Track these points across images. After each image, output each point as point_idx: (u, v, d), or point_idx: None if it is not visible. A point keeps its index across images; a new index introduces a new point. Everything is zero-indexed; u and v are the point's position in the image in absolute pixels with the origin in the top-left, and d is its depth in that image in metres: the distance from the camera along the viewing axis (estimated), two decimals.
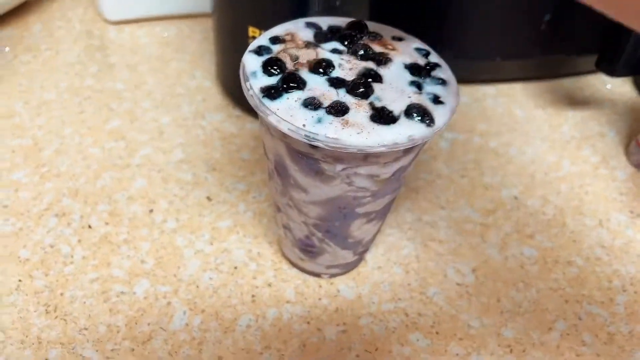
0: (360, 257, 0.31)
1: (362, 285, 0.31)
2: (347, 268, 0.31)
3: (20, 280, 0.30)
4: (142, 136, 0.39)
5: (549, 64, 0.48)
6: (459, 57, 0.43)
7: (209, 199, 0.35)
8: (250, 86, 0.22)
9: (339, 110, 0.21)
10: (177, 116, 0.41)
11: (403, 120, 0.21)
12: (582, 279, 0.33)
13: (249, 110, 0.41)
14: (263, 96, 0.22)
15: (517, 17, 0.43)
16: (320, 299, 0.31)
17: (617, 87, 0.48)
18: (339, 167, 0.22)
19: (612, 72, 0.40)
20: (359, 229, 0.27)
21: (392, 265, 0.33)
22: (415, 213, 0.36)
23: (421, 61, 0.25)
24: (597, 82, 0.49)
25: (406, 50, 0.25)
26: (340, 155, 0.22)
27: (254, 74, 0.23)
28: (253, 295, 0.30)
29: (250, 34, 0.35)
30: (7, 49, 0.45)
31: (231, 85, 0.41)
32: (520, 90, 0.47)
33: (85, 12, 0.50)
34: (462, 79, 0.46)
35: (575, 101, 0.47)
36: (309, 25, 0.26)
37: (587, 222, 0.37)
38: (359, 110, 0.21)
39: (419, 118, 0.21)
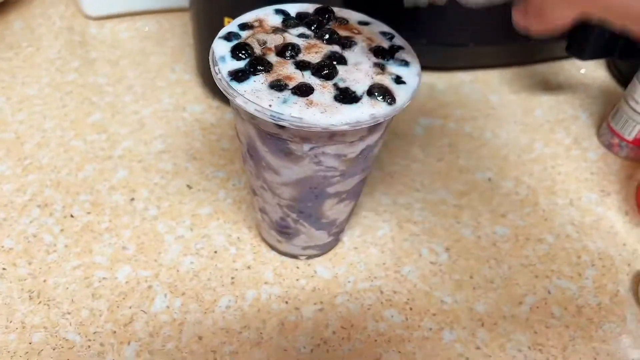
0: (336, 239, 0.32)
1: (338, 265, 0.32)
2: (324, 249, 0.32)
3: (4, 269, 0.31)
4: (124, 129, 0.40)
5: (523, 50, 0.49)
6: (433, 44, 0.45)
7: (189, 187, 0.36)
8: (219, 70, 0.23)
9: (304, 91, 0.22)
10: (157, 108, 0.41)
11: (366, 99, 0.22)
12: (552, 255, 0.34)
13: (228, 101, 0.41)
14: (231, 79, 0.22)
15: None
16: (297, 279, 0.31)
17: (590, 71, 0.49)
18: (307, 146, 0.23)
19: (582, 56, 0.42)
20: (331, 209, 0.28)
21: (368, 246, 0.33)
22: (390, 196, 0.37)
23: (385, 44, 0.25)
24: (571, 67, 0.50)
25: (371, 34, 0.26)
26: (306, 135, 0.23)
27: (223, 59, 0.23)
28: (232, 278, 0.31)
29: (226, 24, 0.36)
30: None
31: (210, 77, 0.42)
32: (495, 77, 0.48)
33: (66, 9, 0.50)
34: (438, 66, 0.48)
35: (549, 86, 0.48)
36: (278, 12, 0.27)
37: (558, 202, 0.38)
38: (324, 91, 0.22)
39: (381, 97, 0.22)
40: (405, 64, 0.24)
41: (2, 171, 0.36)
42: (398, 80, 0.23)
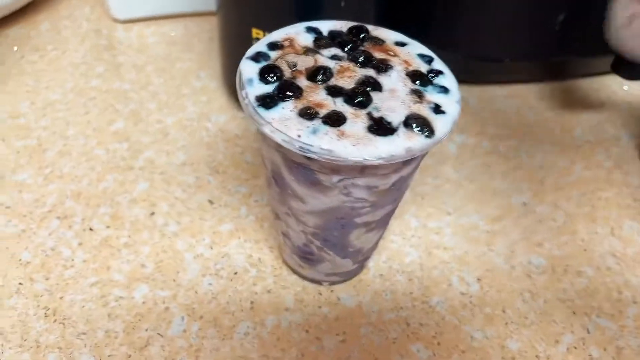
0: (362, 265, 0.31)
1: (363, 293, 0.31)
2: (348, 276, 0.31)
3: (20, 284, 0.30)
4: (146, 138, 0.39)
5: (563, 65, 0.46)
6: (467, 58, 0.43)
7: (210, 202, 0.35)
8: (246, 94, 0.22)
9: (335, 120, 0.21)
10: (181, 117, 0.41)
11: (401, 131, 0.21)
12: (592, 290, 0.32)
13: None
14: (258, 105, 0.21)
15: (530, 17, 0.42)
16: (320, 306, 0.30)
17: (634, 89, 0.47)
18: (336, 178, 0.22)
19: (630, 76, 0.39)
20: (358, 239, 0.26)
21: (394, 273, 0.32)
22: (420, 219, 0.35)
23: (423, 68, 0.24)
24: (613, 83, 0.47)
25: (408, 57, 0.24)
26: (336, 167, 0.21)
27: (250, 82, 0.22)
28: (252, 302, 0.30)
29: (254, 35, 0.35)
30: (15, 48, 0.45)
31: (235, 87, 0.41)
32: (532, 92, 0.46)
33: (92, 11, 0.50)
34: (472, 80, 0.46)
35: (589, 103, 0.45)
36: (309, 30, 0.25)
37: (598, 230, 0.35)
38: (356, 121, 0.21)
39: (419, 129, 0.21)
40: (445, 90, 0.23)
41: (24, 179, 0.35)
42: (437, 109, 0.22)
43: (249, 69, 0.23)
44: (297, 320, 0.29)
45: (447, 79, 0.24)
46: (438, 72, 0.24)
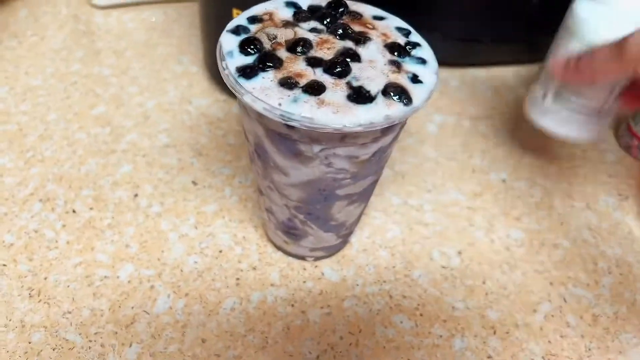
0: (345, 240, 0.31)
1: (346, 268, 0.31)
2: (332, 251, 0.31)
3: (4, 265, 0.30)
4: (128, 121, 0.39)
5: (541, 48, 0.47)
6: (449, 39, 0.43)
7: (194, 183, 0.35)
8: (226, 65, 0.22)
9: (315, 89, 0.21)
10: (163, 101, 0.40)
11: (380, 99, 0.21)
12: (568, 261, 0.33)
13: (235, 96, 0.40)
14: (239, 75, 0.21)
15: None
16: (304, 281, 0.30)
17: None
18: (317, 148, 0.22)
19: None
20: (341, 212, 0.27)
21: (377, 248, 0.32)
22: (401, 197, 0.36)
23: (401, 40, 0.24)
24: None
25: (386, 30, 0.25)
26: (317, 136, 0.22)
27: (230, 54, 0.22)
28: (237, 279, 0.30)
29: (235, 15, 0.35)
30: None
31: (217, 70, 0.41)
32: (511, 74, 0.47)
33: None
34: (452, 62, 0.46)
35: None
36: (289, 4, 0.26)
37: (575, 205, 0.36)
38: (336, 90, 0.21)
39: (397, 97, 0.21)
40: (423, 62, 0.23)
41: (4, 164, 0.35)
42: (414, 79, 0.22)
43: (229, 41, 0.23)
44: (282, 295, 0.30)
45: (425, 51, 0.24)
46: (416, 45, 0.24)
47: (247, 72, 0.21)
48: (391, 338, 0.29)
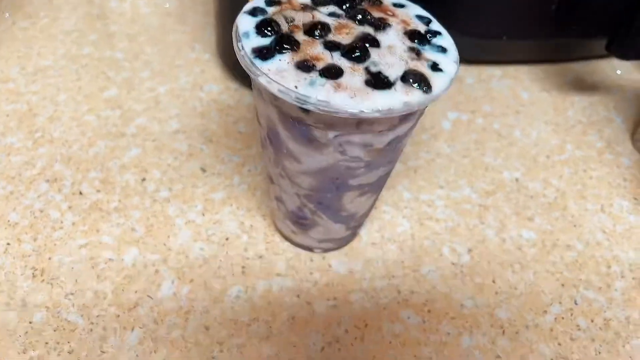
0: (354, 233, 0.31)
1: (354, 260, 0.31)
2: (340, 243, 0.31)
3: (8, 244, 0.30)
4: (139, 105, 0.38)
5: (558, 47, 0.47)
6: (465, 35, 0.42)
7: (203, 170, 0.35)
8: (242, 47, 0.21)
9: (332, 73, 0.20)
10: (174, 87, 0.40)
11: (399, 85, 0.21)
12: (581, 264, 0.32)
13: (248, 83, 0.40)
14: (255, 56, 0.21)
15: None
16: (311, 273, 0.30)
17: (627, 73, 0.47)
18: (332, 134, 0.22)
19: (624, 55, 0.39)
20: (352, 202, 0.26)
21: (386, 242, 0.32)
22: (412, 192, 0.35)
23: (421, 28, 0.24)
24: (607, 67, 0.47)
25: (406, 17, 0.24)
26: (332, 121, 0.21)
27: (247, 35, 0.22)
28: (243, 267, 0.30)
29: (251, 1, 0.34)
30: (7, 14, 0.45)
31: (230, 58, 0.41)
32: (526, 73, 0.46)
33: None
34: (468, 59, 0.46)
35: (583, 85, 0.46)
36: None
37: (588, 207, 0.36)
38: (354, 74, 0.21)
39: (416, 84, 0.21)
40: (443, 50, 0.23)
41: (12, 143, 0.35)
42: (434, 67, 0.22)
43: (246, 22, 0.22)
44: (288, 286, 0.29)
45: (445, 39, 0.23)
46: (436, 33, 0.24)
47: (263, 53, 0.21)
48: (398, 333, 0.28)
